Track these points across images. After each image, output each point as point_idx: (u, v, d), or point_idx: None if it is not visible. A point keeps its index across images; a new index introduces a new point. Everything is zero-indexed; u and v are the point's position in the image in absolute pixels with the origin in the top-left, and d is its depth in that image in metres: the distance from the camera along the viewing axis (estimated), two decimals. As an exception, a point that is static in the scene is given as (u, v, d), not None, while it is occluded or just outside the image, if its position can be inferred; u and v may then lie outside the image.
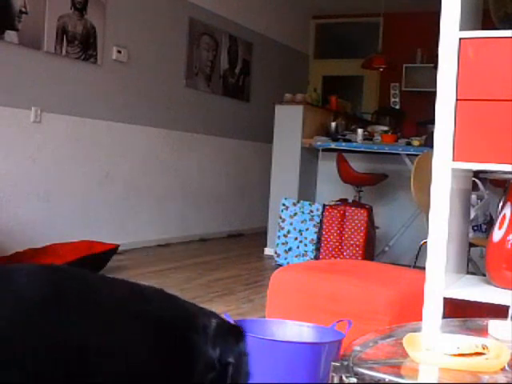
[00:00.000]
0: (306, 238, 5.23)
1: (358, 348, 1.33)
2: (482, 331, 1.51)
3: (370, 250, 5.20)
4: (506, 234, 2.01)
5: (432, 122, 2.09)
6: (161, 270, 4.80)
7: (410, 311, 2.15)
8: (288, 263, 5.04)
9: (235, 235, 7.15)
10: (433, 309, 1.98)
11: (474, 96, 1.96)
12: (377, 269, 2.78)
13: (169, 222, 6.21)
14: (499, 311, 1.86)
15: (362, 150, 5.55)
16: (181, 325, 1.14)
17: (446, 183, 1.99)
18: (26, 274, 1.11)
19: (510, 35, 1.92)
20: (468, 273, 2.49)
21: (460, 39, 1.97)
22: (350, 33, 9.26)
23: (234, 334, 1.20)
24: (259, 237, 6.50)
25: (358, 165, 5.55)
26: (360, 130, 5.76)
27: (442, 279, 1.99)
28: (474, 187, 3.39)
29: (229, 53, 7.12)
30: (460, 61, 1.97)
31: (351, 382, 1.13)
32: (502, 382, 1.19)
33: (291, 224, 5.29)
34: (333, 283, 2.42)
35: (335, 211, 5.13)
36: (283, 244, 5.30)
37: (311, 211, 5.25)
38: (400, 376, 1.23)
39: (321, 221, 5.21)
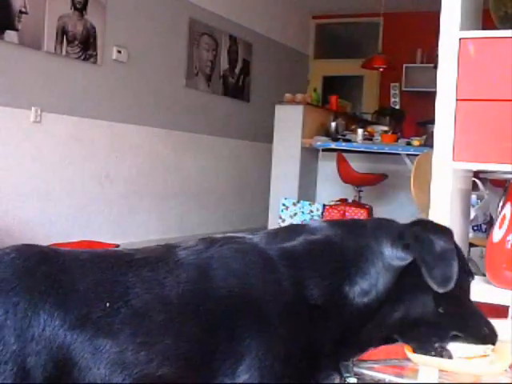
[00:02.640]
0: (305, 238, 5.22)
1: (358, 348, 1.32)
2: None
3: (370, 250, 5.19)
4: (506, 233, 2.01)
5: (432, 122, 2.09)
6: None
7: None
8: (288, 263, 5.04)
9: (235, 235, 7.14)
10: (433, 309, 1.97)
11: (474, 96, 1.96)
12: (377, 269, 2.77)
13: (169, 222, 6.21)
14: (499, 311, 1.86)
15: (362, 150, 5.55)
16: None
17: (446, 183, 1.99)
18: None
19: (510, 35, 1.91)
20: (468, 273, 2.48)
21: (460, 39, 1.96)
22: (350, 33, 9.26)
23: None
24: (259, 237, 6.48)
25: (358, 165, 5.55)
26: (360, 130, 5.76)
27: (442, 279, 1.98)
28: (474, 187, 3.38)
29: (229, 53, 7.12)
30: (460, 61, 1.96)
31: (351, 382, 1.13)
32: (502, 382, 1.18)
33: (291, 224, 5.29)
34: (333, 283, 2.41)
35: (335, 211, 5.13)
36: (283, 244, 5.30)
37: (311, 211, 5.25)
38: (400, 376, 1.23)
39: (321, 221, 5.21)
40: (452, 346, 1.29)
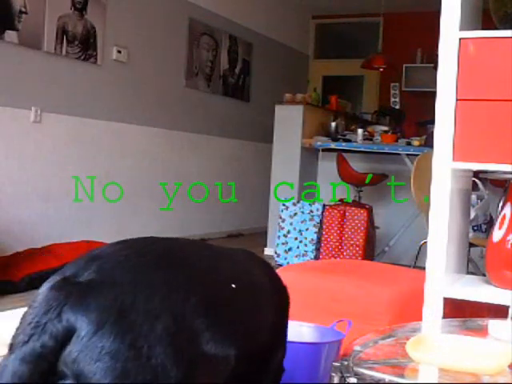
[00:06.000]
0: (306, 238, 5.22)
1: (358, 348, 1.33)
2: (482, 331, 1.51)
3: (370, 250, 5.20)
4: (506, 233, 2.01)
5: (432, 122, 2.09)
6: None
7: (409, 311, 2.15)
8: (288, 263, 5.04)
9: (235, 235, 7.14)
10: (433, 309, 1.98)
11: (474, 96, 1.96)
12: (377, 269, 2.78)
13: (169, 221, 6.21)
14: (499, 311, 1.86)
15: (362, 150, 5.55)
16: None
17: (446, 183, 1.99)
18: None
19: (510, 35, 1.92)
20: (468, 273, 2.49)
21: (460, 39, 1.97)
22: (350, 33, 9.26)
23: None
24: (259, 237, 6.49)
25: (358, 165, 5.55)
26: (360, 130, 5.75)
27: (442, 279, 1.99)
28: (474, 187, 3.39)
29: (229, 53, 7.12)
30: (460, 61, 1.97)
31: (351, 382, 1.13)
32: (501, 382, 1.19)
33: (291, 224, 5.29)
34: (333, 283, 2.42)
35: (335, 211, 5.13)
36: (283, 244, 5.30)
37: (311, 211, 5.25)
38: (400, 376, 1.23)
39: (321, 221, 5.21)
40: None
